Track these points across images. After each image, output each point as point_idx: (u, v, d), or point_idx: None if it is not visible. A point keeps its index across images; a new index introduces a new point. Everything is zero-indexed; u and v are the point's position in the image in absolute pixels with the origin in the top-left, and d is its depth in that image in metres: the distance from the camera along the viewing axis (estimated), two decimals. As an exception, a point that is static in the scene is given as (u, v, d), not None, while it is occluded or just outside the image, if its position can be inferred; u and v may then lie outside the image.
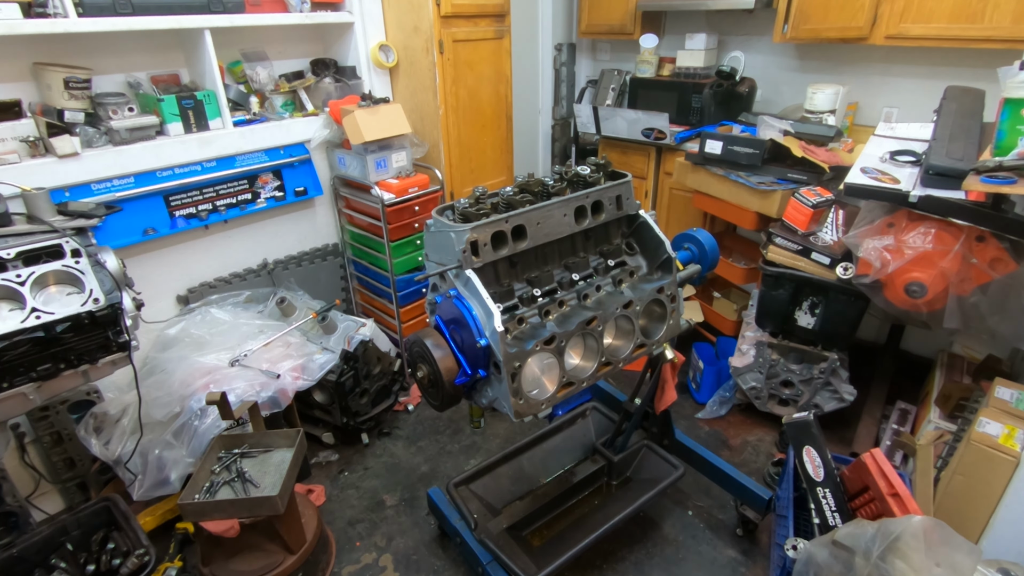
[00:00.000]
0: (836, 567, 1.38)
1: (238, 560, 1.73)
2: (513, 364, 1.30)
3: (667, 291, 1.56)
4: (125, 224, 2.08)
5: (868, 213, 1.98)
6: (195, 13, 2.05)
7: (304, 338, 2.29)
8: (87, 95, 1.96)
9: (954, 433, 1.91)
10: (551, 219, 1.44)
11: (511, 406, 1.33)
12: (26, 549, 1.61)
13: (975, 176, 1.55)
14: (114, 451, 1.88)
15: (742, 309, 2.77)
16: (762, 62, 3.04)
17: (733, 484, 1.98)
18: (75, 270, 1.45)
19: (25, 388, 1.40)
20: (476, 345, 1.30)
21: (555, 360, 1.38)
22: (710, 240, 1.72)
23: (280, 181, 2.48)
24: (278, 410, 2.05)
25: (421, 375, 1.44)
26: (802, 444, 1.71)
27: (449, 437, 2.53)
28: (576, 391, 1.45)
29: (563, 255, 1.58)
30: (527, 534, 1.87)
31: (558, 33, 3.72)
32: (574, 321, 1.40)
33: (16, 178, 1.71)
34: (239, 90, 2.36)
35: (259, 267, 2.59)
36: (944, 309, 1.82)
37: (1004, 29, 2.07)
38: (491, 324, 1.27)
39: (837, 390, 2.30)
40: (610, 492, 2.01)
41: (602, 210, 1.53)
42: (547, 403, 1.39)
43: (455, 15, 2.47)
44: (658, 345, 1.61)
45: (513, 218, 1.38)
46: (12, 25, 1.70)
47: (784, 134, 2.47)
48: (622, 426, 1.99)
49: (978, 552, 1.29)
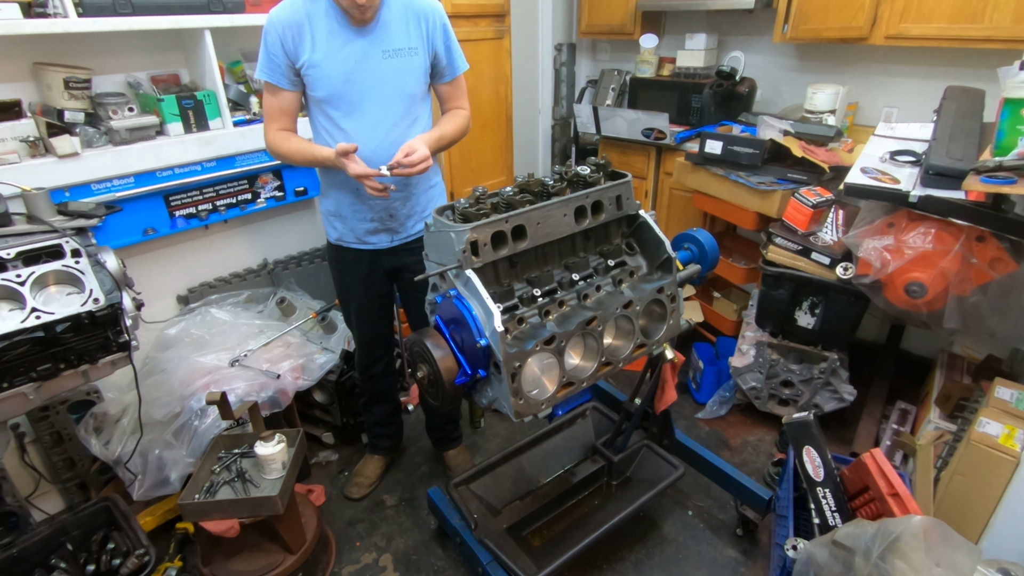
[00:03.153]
0: (836, 567, 1.39)
1: (238, 560, 1.73)
2: (513, 364, 1.30)
3: (667, 291, 1.56)
4: (125, 224, 2.08)
5: (868, 213, 1.98)
6: (195, 13, 2.05)
7: (304, 338, 2.29)
8: (87, 95, 1.96)
9: (954, 433, 1.91)
10: (551, 219, 1.43)
11: (511, 406, 1.33)
12: (26, 549, 1.61)
13: (975, 176, 1.55)
14: (114, 451, 1.88)
15: (742, 309, 2.77)
16: (762, 62, 3.04)
17: (733, 484, 1.98)
18: (75, 270, 1.45)
19: (25, 388, 1.40)
20: (476, 345, 1.29)
21: (555, 360, 1.38)
22: (710, 240, 1.72)
23: (280, 181, 2.48)
24: (278, 410, 2.05)
25: (421, 375, 1.43)
26: (802, 444, 1.71)
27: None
28: (576, 391, 1.45)
29: (563, 255, 1.57)
30: (527, 534, 1.87)
31: (558, 33, 3.73)
32: (574, 321, 1.40)
33: (16, 178, 1.71)
34: (239, 90, 2.36)
35: (259, 267, 2.59)
36: (944, 309, 1.82)
37: (1004, 29, 2.07)
38: (491, 324, 1.27)
39: (837, 390, 2.30)
40: (610, 492, 2.01)
41: (602, 210, 1.53)
42: (547, 403, 1.39)
43: (455, 15, 2.47)
44: (658, 345, 1.61)
45: (513, 218, 1.37)
46: (12, 25, 1.70)
47: (784, 134, 2.47)
48: (622, 426, 1.99)
49: (978, 552, 1.29)
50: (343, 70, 1.62)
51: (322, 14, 1.59)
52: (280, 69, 1.62)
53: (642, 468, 2.04)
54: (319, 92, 1.65)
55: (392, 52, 1.66)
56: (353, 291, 1.95)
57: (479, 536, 1.73)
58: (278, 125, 1.70)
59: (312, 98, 1.69)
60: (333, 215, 1.85)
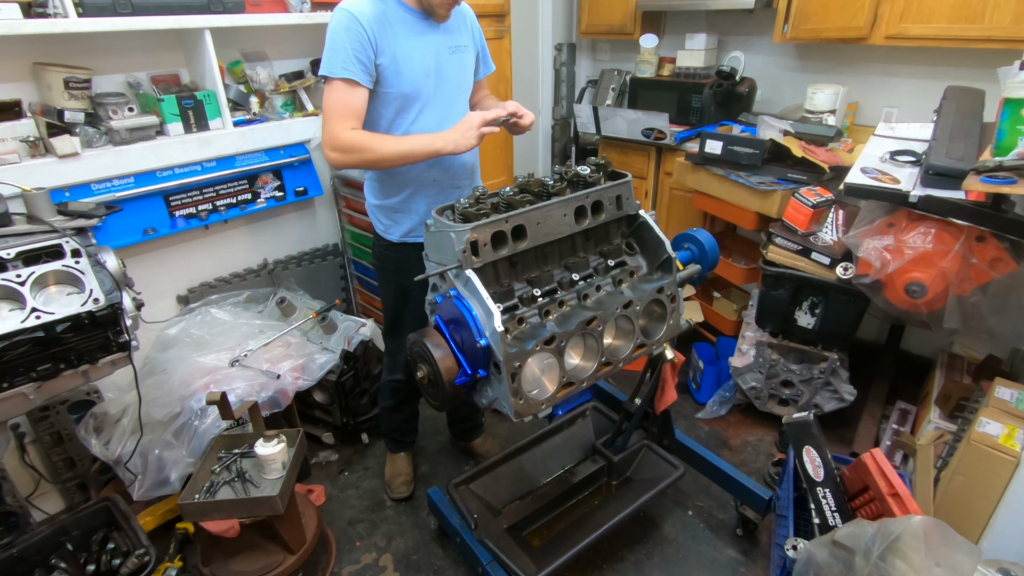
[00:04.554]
0: (836, 567, 1.39)
1: (238, 560, 1.73)
2: (513, 364, 1.30)
3: (667, 291, 1.56)
4: (125, 224, 2.08)
5: (868, 213, 1.98)
6: (195, 13, 2.05)
7: (304, 338, 2.29)
8: (87, 95, 1.96)
9: (954, 433, 1.91)
10: (551, 219, 1.44)
11: (511, 406, 1.33)
12: (26, 549, 1.61)
13: (975, 176, 1.55)
14: (114, 451, 1.88)
15: (742, 309, 2.77)
16: (762, 62, 3.04)
17: (733, 484, 1.98)
18: (75, 270, 1.45)
19: (25, 388, 1.40)
20: (476, 345, 1.29)
21: (555, 360, 1.38)
22: (710, 240, 1.72)
23: (280, 181, 2.48)
24: (278, 410, 2.05)
25: (421, 375, 1.44)
26: (802, 444, 1.71)
27: (449, 437, 2.53)
28: (576, 391, 1.45)
29: (563, 255, 1.58)
30: (527, 534, 1.87)
31: (558, 33, 3.73)
32: (574, 321, 1.40)
33: (16, 178, 1.71)
34: (239, 90, 2.36)
35: (259, 267, 2.59)
36: (944, 309, 1.82)
37: (1004, 29, 2.07)
38: (491, 324, 1.27)
39: (837, 390, 2.30)
40: (610, 492, 2.01)
41: (602, 210, 1.53)
42: (547, 403, 1.39)
43: (455, 15, 2.46)
44: (658, 345, 1.61)
45: (513, 218, 1.37)
46: (12, 25, 1.70)
47: (784, 134, 2.47)
48: (622, 426, 1.99)
49: (978, 552, 1.29)
50: (424, 65, 1.61)
51: (398, 7, 1.57)
52: (363, 64, 1.53)
53: (642, 468, 2.04)
54: (400, 88, 1.60)
55: (455, 48, 1.68)
56: (412, 291, 1.83)
57: (479, 536, 1.73)
58: (350, 125, 1.56)
59: (385, 95, 1.62)
60: (398, 211, 1.77)
